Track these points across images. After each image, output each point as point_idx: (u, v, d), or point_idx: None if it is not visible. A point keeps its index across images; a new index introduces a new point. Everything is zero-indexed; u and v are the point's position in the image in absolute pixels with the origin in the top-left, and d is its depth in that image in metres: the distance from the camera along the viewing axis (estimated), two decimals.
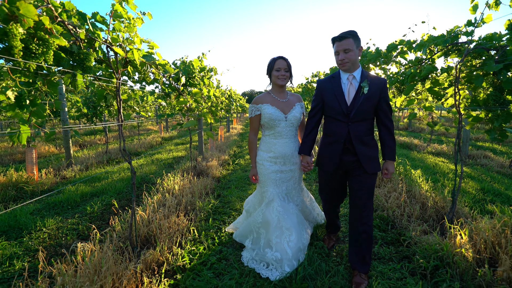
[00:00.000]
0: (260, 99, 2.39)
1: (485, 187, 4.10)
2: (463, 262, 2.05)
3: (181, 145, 10.20)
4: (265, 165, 2.41)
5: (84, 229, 3.14)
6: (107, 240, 2.30)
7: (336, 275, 2.10)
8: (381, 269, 2.22)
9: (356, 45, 1.91)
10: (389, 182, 3.88)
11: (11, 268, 2.39)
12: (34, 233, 3.03)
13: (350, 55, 1.90)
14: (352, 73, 1.99)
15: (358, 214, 2.05)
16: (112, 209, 3.68)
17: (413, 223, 2.85)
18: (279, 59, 2.30)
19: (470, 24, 2.44)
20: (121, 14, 2.21)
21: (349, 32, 1.91)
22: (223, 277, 2.19)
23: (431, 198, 3.23)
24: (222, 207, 3.73)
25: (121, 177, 5.36)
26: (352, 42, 1.89)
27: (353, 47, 1.90)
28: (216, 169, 5.46)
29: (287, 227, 2.27)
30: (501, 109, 2.29)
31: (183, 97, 3.42)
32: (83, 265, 1.95)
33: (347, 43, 1.90)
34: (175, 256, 2.42)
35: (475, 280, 1.94)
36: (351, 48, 1.89)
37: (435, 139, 9.94)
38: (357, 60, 1.96)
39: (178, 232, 2.82)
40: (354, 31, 1.93)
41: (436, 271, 2.12)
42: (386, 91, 1.99)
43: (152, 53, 2.76)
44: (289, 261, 2.16)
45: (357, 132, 2.00)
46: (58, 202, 3.99)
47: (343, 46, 1.92)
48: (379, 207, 3.33)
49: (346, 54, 1.92)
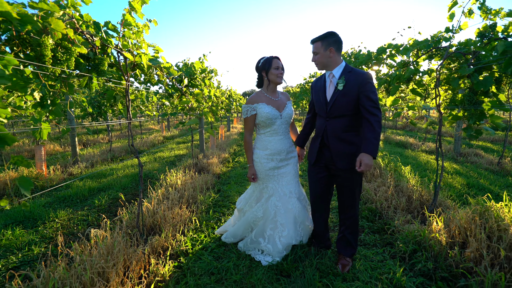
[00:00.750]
0: (255, 99, 2.43)
1: (471, 182, 4.33)
2: (437, 245, 2.29)
3: (182, 143, 10.44)
4: (263, 163, 2.46)
5: (93, 220, 3.39)
6: (117, 227, 2.54)
7: (324, 258, 2.34)
8: (365, 253, 2.45)
9: (324, 48, 2.08)
10: (379, 177, 4.11)
11: (30, 253, 2.63)
12: (47, 223, 3.27)
13: (318, 57, 2.11)
14: (331, 71, 2.15)
15: (343, 207, 2.26)
16: (118, 202, 3.92)
17: (399, 214, 3.08)
18: (275, 58, 2.40)
19: (448, 30, 2.67)
20: (130, 22, 2.45)
21: (319, 37, 2.10)
22: (222, 260, 2.43)
23: (417, 191, 3.46)
24: (222, 200, 3.96)
25: (125, 173, 5.60)
26: (320, 45, 2.09)
27: (320, 50, 2.09)
28: (216, 166, 5.70)
29: (282, 223, 2.39)
30: (474, 109, 2.52)
31: (185, 97, 3.66)
32: (97, 247, 2.19)
33: (315, 46, 2.12)
34: (178, 242, 2.66)
35: (447, 261, 2.17)
36: (317, 51, 2.10)
37: (430, 138, 10.16)
38: (329, 60, 2.11)
39: (181, 222, 3.06)
40: (325, 34, 2.09)
41: (414, 254, 2.36)
42: (367, 86, 2.01)
43: (157, 56, 2.99)
44: (279, 253, 2.33)
45: (333, 128, 2.13)
46: (68, 196, 4.23)
47: (312, 49, 2.15)
48: (368, 200, 3.56)
49: (315, 56, 2.14)
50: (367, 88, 2.01)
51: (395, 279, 2.03)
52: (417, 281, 2.04)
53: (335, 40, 2.08)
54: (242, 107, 2.48)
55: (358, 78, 2.03)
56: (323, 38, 2.09)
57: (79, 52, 1.80)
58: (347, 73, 2.09)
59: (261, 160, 2.47)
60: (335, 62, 2.12)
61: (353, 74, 2.07)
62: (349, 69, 2.11)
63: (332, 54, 2.09)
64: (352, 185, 2.16)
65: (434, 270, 2.14)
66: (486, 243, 2.08)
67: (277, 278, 2.13)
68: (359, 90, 2.02)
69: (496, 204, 2.39)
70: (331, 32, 2.09)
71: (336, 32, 2.11)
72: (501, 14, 2.25)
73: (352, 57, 4.78)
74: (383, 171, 4.30)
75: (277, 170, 2.48)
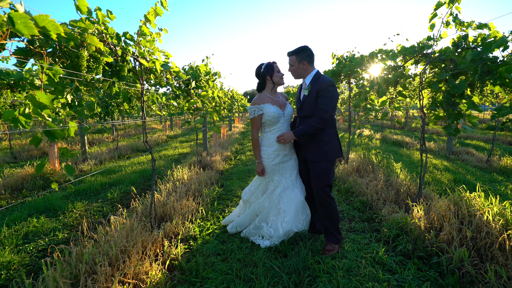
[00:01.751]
0: (261, 100, 2.65)
1: (458, 178, 4.63)
2: (417, 230, 2.59)
3: (185, 142, 10.75)
4: (270, 159, 2.69)
5: (108, 210, 3.70)
6: (133, 215, 2.85)
7: (317, 241, 2.64)
8: (353, 237, 2.76)
9: (298, 61, 2.47)
10: (372, 173, 4.41)
11: (55, 237, 2.95)
12: (67, 213, 3.59)
13: (293, 68, 2.51)
14: (304, 79, 2.54)
15: (316, 198, 2.56)
16: (129, 196, 4.24)
17: (387, 205, 3.38)
18: (275, 63, 2.71)
19: (430, 39, 2.97)
20: (145, 32, 2.76)
21: (294, 51, 2.47)
22: (226, 243, 2.74)
23: (405, 185, 3.77)
24: (225, 194, 4.27)
25: (133, 170, 5.92)
26: (295, 59, 2.47)
27: (295, 63, 2.47)
28: (219, 164, 6.02)
29: (284, 210, 2.68)
30: (452, 109, 2.83)
31: (192, 98, 3.97)
32: (116, 231, 2.50)
33: (291, 59, 2.51)
34: (187, 229, 2.97)
35: (424, 243, 2.47)
36: (293, 64, 2.50)
37: (427, 137, 10.45)
38: (302, 71, 2.49)
39: (189, 212, 3.37)
40: (299, 49, 2.46)
41: (396, 238, 2.66)
42: (323, 91, 2.32)
43: (167, 62, 3.30)
44: (279, 238, 2.63)
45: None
46: (82, 190, 4.55)
47: (288, 61, 2.54)
48: (360, 193, 3.87)
49: (291, 67, 2.54)
50: (322, 93, 2.34)
51: (377, 257, 2.34)
52: (397, 259, 2.35)
53: (307, 55, 2.45)
54: (249, 108, 2.69)
55: (320, 84, 2.37)
56: (297, 52, 2.46)
57: (106, 60, 2.11)
58: (315, 80, 2.44)
59: (268, 156, 2.70)
60: (307, 72, 2.50)
61: (317, 81, 2.41)
62: (317, 77, 2.46)
63: (305, 67, 2.47)
64: (318, 176, 2.47)
65: (412, 251, 2.45)
66: (458, 226, 2.39)
67: (276, 257, 2.44)
68: (317, 94, 2.37)
69: (469, 194, 2.69)
70: (304, 47, 2.46)
71: (308, 46, 2.46)
72: (472, 26, 2.55)
73: (348, 61, 5.08)
74: (375, 167, 4.61)
75: (282, 164, 2.74)
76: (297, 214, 2.67)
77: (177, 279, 2.18)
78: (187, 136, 13.11)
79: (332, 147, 2.43)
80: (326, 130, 2.43)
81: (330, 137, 2.43)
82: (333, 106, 2.35)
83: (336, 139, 2.47)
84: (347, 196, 3.98)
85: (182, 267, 2.33)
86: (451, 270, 2.10)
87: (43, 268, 1.87)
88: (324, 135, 2.43)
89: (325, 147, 2.42)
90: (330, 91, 2.33)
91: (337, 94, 2.37)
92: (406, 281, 2.05)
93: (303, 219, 2.70)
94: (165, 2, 2.72)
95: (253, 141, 2.73)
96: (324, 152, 2.42)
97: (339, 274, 2.12)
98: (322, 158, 2.42)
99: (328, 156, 2.42)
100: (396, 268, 2.22)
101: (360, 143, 8.52)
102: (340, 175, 4.77)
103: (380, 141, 9.89)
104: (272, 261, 2.34)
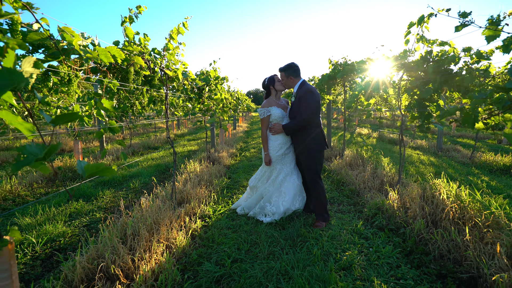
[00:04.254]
0: (269, 104, 3.29)
1: (439, 171, 5.20)
2: (391, 209, 3.18)
3: (193, 140, 11.39)
4: (275, 150, 3.30)
5: (132, 197, 4.33)
6: (157, 199, 3.47)
7: (309, 218, 3.24)
8: (340, 216, 3.36)
9: (286, 76, 3.15)
10: (361, 166, 5.00)
11: (93, 217, 3.58)
12: (99, 199, 4.23)
13: (283, 82, 3.20)
14: (293, 88, 3.19)
15: (307, 182, 3.21)
16: (148, 186, 4.86)
17: (372, 192, 3.97)
18: (275, 75, 3.38)
19: (405, 52, 3.55)
20: (169, 47, 3.37)
21: (282, 68, 3.15)
22: (235, 221, 3.34)
23: (389, 176, 4.35)
24: (233, 184, 4.89)
25: (148, 164, 6.56)
26: (283, 74, 3.15)
27: (284, 78, 3.17)
28: (226, 159, 6.63)
29: (284, 191, 3.32)
30: (423, 111, 3.40)
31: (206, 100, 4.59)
32: (148, 208, 3.11)
33: (281, 75, 3.19)
34: (202, 210, 3.58)
35: (396, 219, 3.06)
36: (282, 78, 3.19)
37: (423, 136, 10.98)
38: (290, 83, 3.17)
39: (202, 197, 3.99)
40: (286, 67, 3.14)
41: (374, 216, 3.25)
42: (302, 97, 2.98)
43: (185, 70, 3.92)
44: (279, 215, 3.25)
45: None
46: (106, 181, 5.19)
47: (280, 75, 3.22)
48: (350, 183, 4.46)
49: (282, 81, 3.23)
50: (302, 99, 3.03)
51: (356, 229, 2.94)
52: (372, 231, 2.94)
53: (293, 70, 3.12)
54: (259, 110, 3.35)
55: (301, 92, 3.03)
56: (285, 70, 3.14)
57: (144, 73, 2.73)
58: (299, 89, 3.10)
59: (274, 148, 3.32)
60: (295, 83, 3.17)
61: (300, 89, 3.06)
62: (301, 86, 3.11)
63: (291, 80, 3.15)
64: (307, 165, 3.11)
65: (386, 225, 3.04)
66: (422, 204, 2.97)
67: (276, 229, 3.04)
68: (299, 100, 3.02)
69: (435, 181, 3.28)
70: (289, 65, 3.14)
71: (294, 63, 3.15)
72: (436, 43, 3.12)
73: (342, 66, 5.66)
74: (365, 162, 5.19)
75: (284, 156, 3.36)
76: (295, 195, 3.28)
77: (198, 244, 2.80)
78: (194, 135, 13.75)
79: (315, 142, 3.05)
80: (309, 129, 3.05)
81: (313, 134, 3.05)
82: (310, 108, 2.95)
83: (319, 135, 3.07)
84: (338, 185, 4.58)
85: (201, 236, 2.94)
86: (412, 236, 2.69)
87: (100, 230, 2.49)
88: (308, 133, 3.06)
89: (309, 143, 3.06)
90: (307, 97, 2.96)
91: (314, 99, 2.96)
92: (376, 244, 2.64)
93: (300, 200, 3.31)
94: (186, 24, 3.33)
95: (263, 137, 3.37)
96: (308, 146, 3.07)
97: (324, 239, 2.72)
98: (307, 151, 3.07)
99: (311, 149, 3.06)
100: (370, 236, 2.82)
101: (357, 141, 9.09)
102: (334, 169, 5.36)
103: (377, 139, 10.45)
104: (272, 231, 2.95)
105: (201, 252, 2.61)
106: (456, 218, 2.61)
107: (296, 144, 3.22)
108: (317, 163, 3.07)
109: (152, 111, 11.07)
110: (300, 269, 2.22)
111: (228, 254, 2.54)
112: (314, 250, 2.51)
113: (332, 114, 21.92)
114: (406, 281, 2.11)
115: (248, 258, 2.47)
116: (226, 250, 2.61)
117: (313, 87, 3.04)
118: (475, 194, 2.75)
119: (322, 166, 3.18)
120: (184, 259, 2.49)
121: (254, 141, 10.82)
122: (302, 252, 2.50)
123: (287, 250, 2.57)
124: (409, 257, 2.44)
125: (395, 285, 2.07)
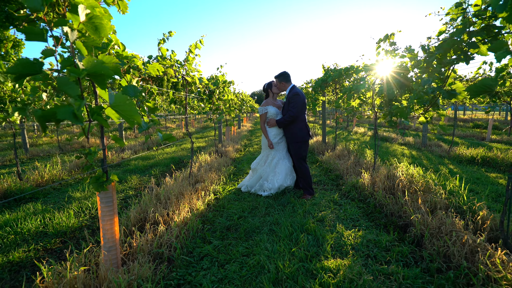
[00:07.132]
0: (266, 103, 4.28)
1: (415, 162, 6.04)
2: (362, 186, 4.05)
3: (200, 138, 12.32)
4: (271, 139, 4.30)
5: (155, 180, 5.24)
6: (178, 178, 4.38)
7: (298, 193, 4.13)
8: (323, 192, 4.24)
9: (279, 81, 4.01)
10: (347, 157, 5.86)
11: (127, 194, 4.50)
12: (128, 182, 5.15)
13: (277, 87, 4.08)
14: (285, 91, 4.06)
15: (295, 164, 4.11)
16: (165, 174, 5.78)
17: (352, 176, 4.83)
18: (273, 81, 4.28)
19: (377, 62, 4.43)
20: (189, 59, 4.29)
21: (277, 76, 4.04)
22: (240, 195, 4.24)
23: (370, 164, 5.21)
24: (238, 172, 5.79)
25: (164, 157, 7.49)
26: (277, 80, 4.03)
27: (277, 83, 4.05)
28: (232, 153, 7.54)
29: (278, 172, 4.23)
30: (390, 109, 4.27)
31: (216, 101, 5.51)
32: (173, 183, 4.01)
33: (276, 80, 4.07)
34: (214, 188, 4.49)
35: (365, 192, 3.92)
36: (276, 84, 4.07)
37: (414, 133, 11.78)
38: (283, 87, 4.04)
39: (213, 179, 4.89)
40: (279, 75, 4.02)
41: (349, 191, 4.13)
42: (291, 99, 3.86)
43: (200, 76, 4.83)
44: (274, 190, 4.15)
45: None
46: (130, 169, 6.13)
47: (274, 81, 4.10)
48: (336, 170, 5.33)
49: (276, 85, 4.12)
50: (290, 101, 3.91)
51: (333, 199, 3.82)
52: (346, 201, 3.82)
53: (284, 77, 4.00)
54: (259, 108, 4.29)
55: (290, 94, 3.92)
56: (278, 77, 4.03)
57: (172, 80, 3.64)
58: (289, 92, 3.98)
59: (270, 137, 4.29)
60: (286, 87, 4.05)
61: (290, 92, 3.95)
62: (291, 89, 3.99)
63: (283, 85, 4.03)
64: (294, 151, 4.02)
65: (357, 197, 3.91)
66: (385, 181, 3.84)
67: (271, 199, 3.93)
68: (288, 100, 3.92)
69: (399, 164, 4.14)
70: (282, 73, 4.03)
71: (286, 71, 4.01)
72: (398, 56, 3.98)
73: (332, 71, 6.54)
74: (350, 153, 6.05)
75: (277, 143, 4.29)
76: (287, 175, 4.18)
77: (212, 209, 3.70)
78: (201, 133, 14.69)
79: (300, 133, 3.94)
80: (296, 123, 3.95)
81: (299, 128, 3.94)
82: (296, 107, 3.84)
83: (303, 128, 3.95)
84: (326, 172, 5.45)
85: (214, 205, 3.84)
86: (374, 203, 3.56)
87: (142, 195, 3.40)
88: (295, 126, 3.96)
89: (295, 133, 3.96)
90: (293, 99, 3.86)
91: (299, 100, 3.84)
92: (345, 208, 3.52)
93: (290, 179, 4.21)
94: (202, 41, 4.24)
95: (262, 128, 4.32)
96: (295, 136, 3.97)
97: (307, 205, 3.61)
98: (293, 140, 3.98)
99: (297, 138, 3.97)
100: (342, 204, 3.70)
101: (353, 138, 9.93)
102: (325, 160, 6.23)
103: (371, 137, 11.28)
104: (269, 200, 3.84)
105: (215, 214, 3.52)
106: (404, 188, 3.48)
107: (287, 134, 4.13)
108: (302, 149, 3.99)
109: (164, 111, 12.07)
110: (287, 220, 3.11)
111: (235, 213, 3.44)
112: (299, 210, 3.40)
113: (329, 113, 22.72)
114: (360, 227, 2.98)
115: (250, 216, 3.37)
116: (234, 211, 3.51)
117: (300, 90, 3.94)
118: (419, 170, 3.62)
119: (306, 152, 4.07)
120: (203, 218, 3.40)
121: (257, 139, 11.72)
122: (290, 211, 3.39)
123: (278, 211, 3.46)
124: (368, 216, 3.31)
125: (352, 229, 2.95)
